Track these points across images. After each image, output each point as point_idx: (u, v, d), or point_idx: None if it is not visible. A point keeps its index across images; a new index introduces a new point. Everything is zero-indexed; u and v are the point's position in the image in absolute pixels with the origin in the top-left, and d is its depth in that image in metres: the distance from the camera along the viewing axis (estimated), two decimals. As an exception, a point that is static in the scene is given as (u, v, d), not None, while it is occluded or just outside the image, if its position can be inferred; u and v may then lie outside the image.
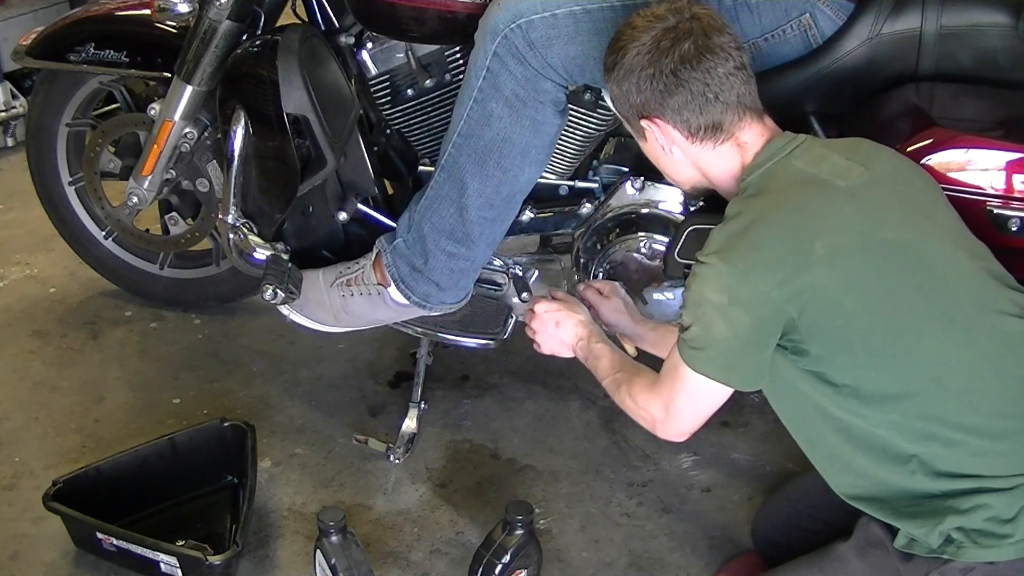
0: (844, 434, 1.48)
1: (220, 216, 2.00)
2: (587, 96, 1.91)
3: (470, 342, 2.09)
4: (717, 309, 1.41)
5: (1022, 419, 1.42)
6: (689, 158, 1.55)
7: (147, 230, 2.50)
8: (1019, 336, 1.43)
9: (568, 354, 1.79)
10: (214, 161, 2.26)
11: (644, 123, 1.54)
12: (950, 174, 1.62)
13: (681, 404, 1.52)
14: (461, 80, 1.86)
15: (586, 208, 2.02)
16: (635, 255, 1.99)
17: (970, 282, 1.44)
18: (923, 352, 1.41)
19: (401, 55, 1.98)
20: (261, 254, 1.99)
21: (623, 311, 1.89)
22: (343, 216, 2.07)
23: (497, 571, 1.72)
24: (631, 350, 1.87)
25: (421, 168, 2.12)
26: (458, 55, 1.96)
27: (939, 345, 1.41)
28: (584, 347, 1.75)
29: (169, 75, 2.14)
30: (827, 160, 1.47)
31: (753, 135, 1.52)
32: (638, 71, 1.50)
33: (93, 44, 2.23)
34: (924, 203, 1.50)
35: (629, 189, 1.97)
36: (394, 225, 2.00)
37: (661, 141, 1.55)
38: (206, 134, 2.22)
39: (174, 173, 2.28)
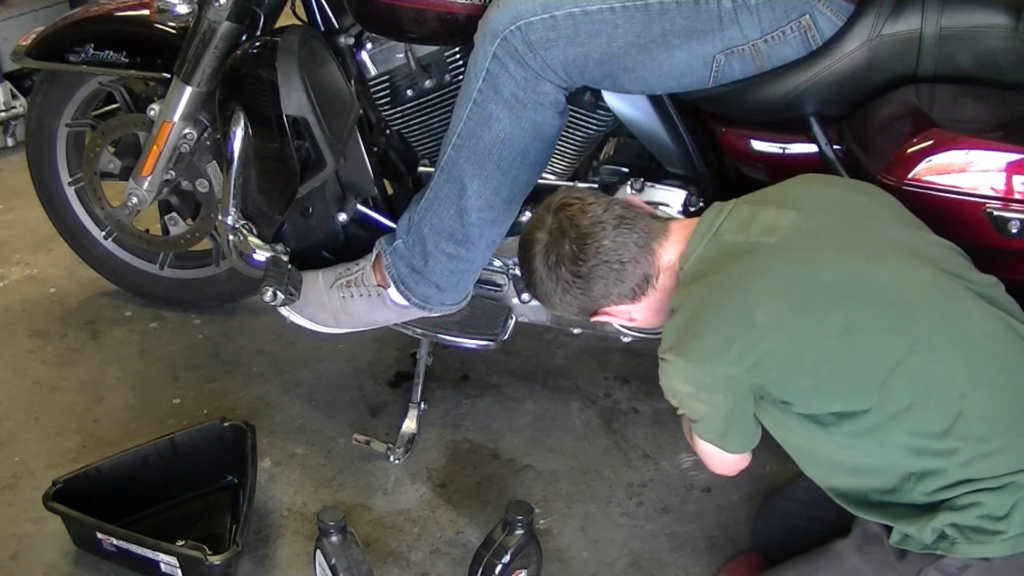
0: (840, 467, 1.52)
1: (220, 217, 2.00)
2: (587, 97, 1.92)
3: (470, 343, 2.09)
4: (690, 396, 1.50)
5: (1003, 420, 1.42)
6: (648, 310, 1.62)
7: (147, 230, 2.50)
8: (984, 338, 1.44)
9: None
10: (214, 162, 2.26)
11: (595, 319, 1.64)
12: (950, 176, 1.61)
13: (706, 460, 1.63)
14: (461, 81, 1.86)
15: (586, 208, 2.01)
16: None
17: (925, 293, 1.45)
18: (895, 376, 1.42)
19: (401, 56, 1.97)
20: (261, 255, 1.99)
21: None
22: (343, 217, 2.07)
23: (497, 571, 1.73)
24: None
25: (421, 169, 2.12)
26: (458, 56, 1.96)
27: (908, 364, 1.42)
28: None
29: (168, 76, 2.14)
30: (755, 220, 1.51)
31: (671, 249, 1.58)
32: (553, 293, 1.60)
33: (93, 44, 2.23)
34: (867, 224, 1.51)
35: (628, 190, 1.97)
36: (394, 226, 2.00)
37: (620, 321, 1.65)
38: (206, 135, 2.22)
39: (174, 174, 2.28)
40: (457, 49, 1.95)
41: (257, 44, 1.96)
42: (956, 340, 1.43)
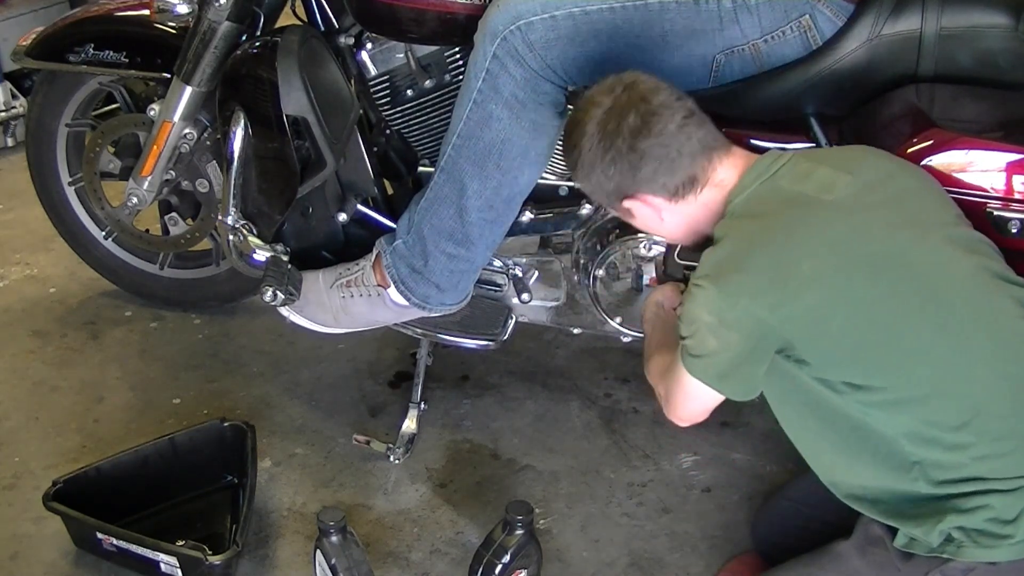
0: (846, 444, 1.49)
1: (220, 217, 2.00)
2: (587, 97, 1.92)
3: (470, 343, 2.09)
4: (709, 328, 1.44)
5: (1022, 421, 1.42)
6: (679, 217, 1.58)
7: (147, 230, 2.51)
8: (1016, 335, 1.43)
9: (648, 328, 1.82)
10: (214, 162, 2.26)
11: (627, 203, 1.58)
12: (950, 175, 1.61)
13: (678, 399, 1.57)
14: (461, 81, 1.86)
15: (586, 209, 2.01)
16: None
17: (964, 284, 1.44)
18: (919, 360, 1.41)
19: (401, 56, 1.98)
20: (261, 255, 1.99)
21: None
22: (343, 217, 2.07)
23: (497, 571, 1.72)
24: None
25: (421, 169, 2.12)
26: (458, 56, 1.96)
27: (935, 352, 1.41)
28: (650, 320, 1.80)
29: (169, 76, 2.14)
30: (813, 175, 1.49)
31: (727, 170, 1.54)
32: (598, 162, 1.54)
33: (93, 44, 2.23)
34: (917, 205, 1.50)
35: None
36: (394, 226, 2.00)
37: (648, 214, 1.58)
38: (206, 135, 2.22)
39: (174, 174, 2.28)
40: (457, 49, 1.95)
41: (257, 44, 1.96)
42: (988, 335, 1.42)
